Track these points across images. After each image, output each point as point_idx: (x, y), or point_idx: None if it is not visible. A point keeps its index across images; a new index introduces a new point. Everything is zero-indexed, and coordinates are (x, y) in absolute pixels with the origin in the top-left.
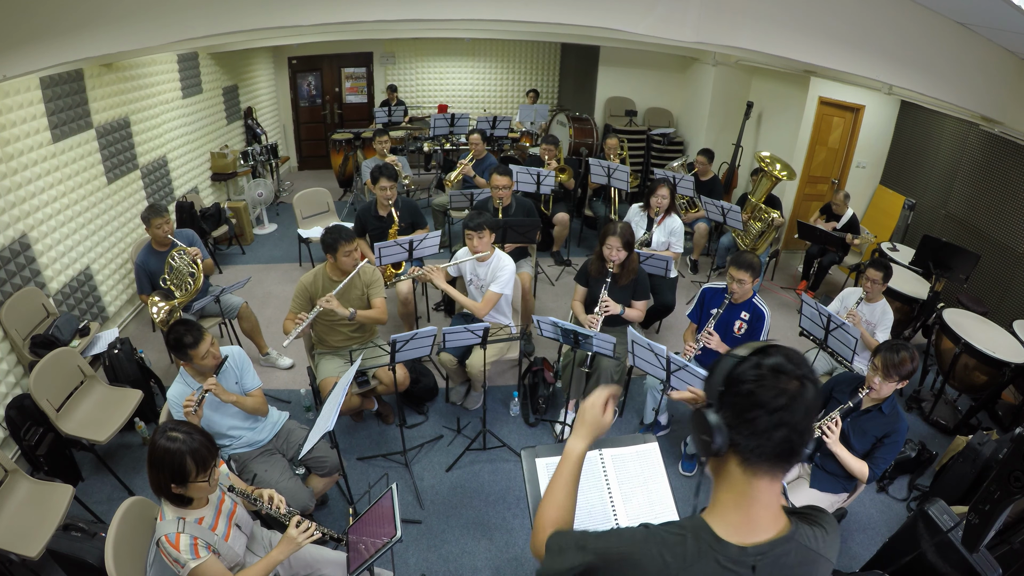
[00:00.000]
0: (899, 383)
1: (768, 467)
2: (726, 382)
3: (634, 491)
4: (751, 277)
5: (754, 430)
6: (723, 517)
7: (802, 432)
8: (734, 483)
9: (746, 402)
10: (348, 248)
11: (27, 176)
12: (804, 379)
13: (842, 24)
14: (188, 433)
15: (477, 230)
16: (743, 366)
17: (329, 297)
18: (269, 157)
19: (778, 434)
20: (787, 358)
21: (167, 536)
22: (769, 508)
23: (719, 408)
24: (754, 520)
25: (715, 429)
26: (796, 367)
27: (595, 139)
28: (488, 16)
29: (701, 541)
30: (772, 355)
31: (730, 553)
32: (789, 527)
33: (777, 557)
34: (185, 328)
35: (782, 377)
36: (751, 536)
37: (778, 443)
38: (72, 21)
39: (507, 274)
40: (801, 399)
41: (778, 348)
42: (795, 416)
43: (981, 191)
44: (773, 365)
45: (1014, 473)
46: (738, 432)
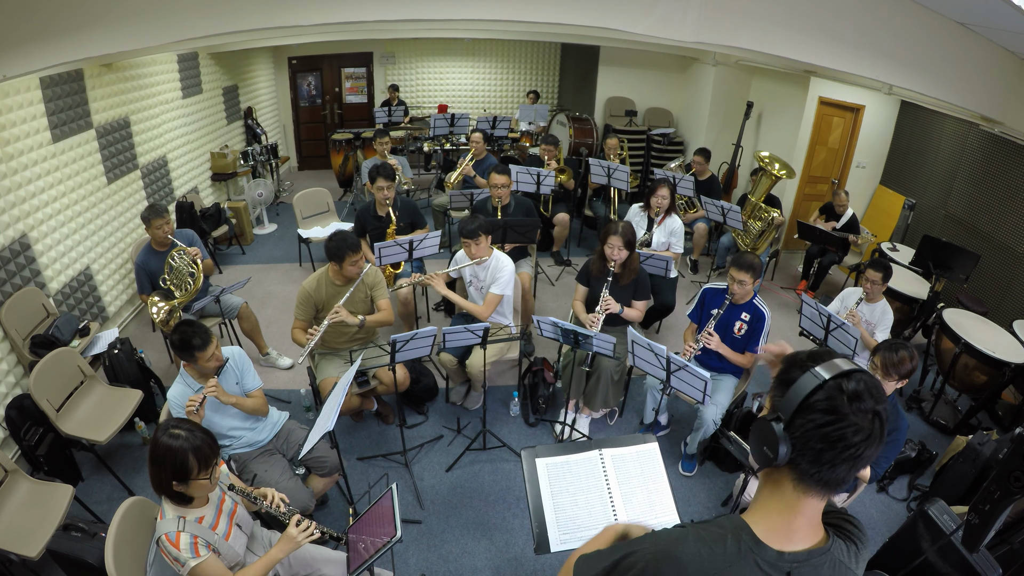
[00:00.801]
0: (898, 382)
1: (822, 490)
2: (802, 405)
3: (634, 491)
4: (752, 278)
5: (818, 460)
6: (765, 521)
7: (865, 462)
8: (783, 495)
9: (817, 433)
10: (354, 258)
11: (27, 176)
12: (878, 414)
13: (842, 24)
14: (190, 431)
15: (472, 237)
16: (824, 391)
17: (338, 308)
18: (269, 157)
19: (842, 468)
20: (868, 389)
21: (167, 535)
22: (811, 520)
23: (788, 426)
24: (795, 529)
25: (780, 444)
26: (874, 401)
27: (595, 139)
28: (488, 16)
29: (741, 542)
30: (854, 382)
31: (768, 556)
32: (827, 540)
33: (813, 567)
34: (193, 330)
35: (860, 413)
36: (789, 543)
37: (839, 473)
38: (72, 21)
39: (507, 275)
40: (872, 436)
41: (861, 375)
42: (862, 452)
43: (981, 191)
44: (852, 394)
45: (1014, 473)
46: (801, 455)
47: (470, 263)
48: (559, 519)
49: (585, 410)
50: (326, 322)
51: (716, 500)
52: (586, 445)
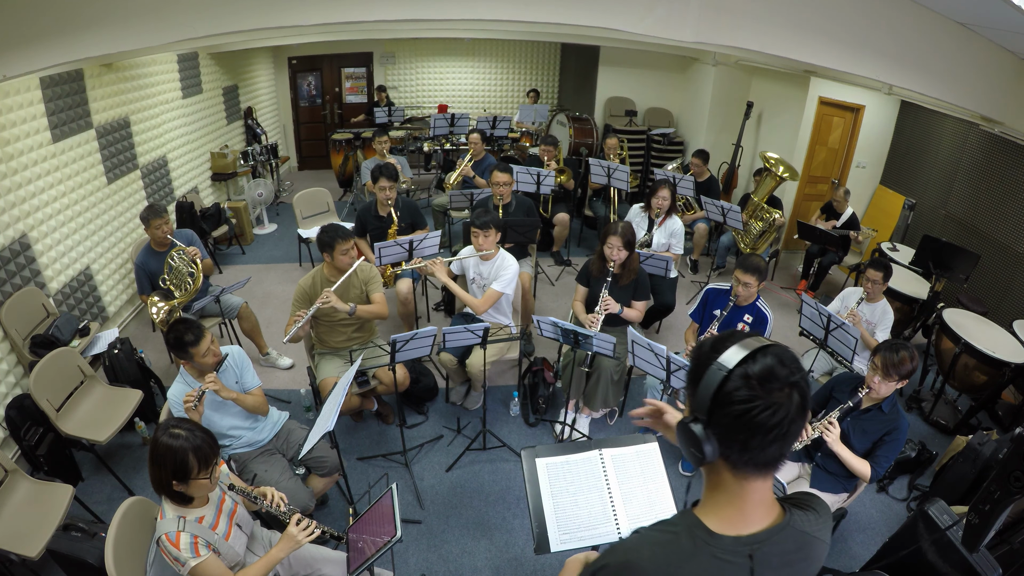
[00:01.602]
0: (899, 382)
1: (761, 472)
2: (715, 400)
3: (634, 491)
4: (757, 280)
5: (746, 447)
6: (716, 513)
7: (794, 436)
8: (726, 486)
9: (737, 423)
10: (345, 247)
11: (27, 176)
12: (795, 385)
13: (842, 24)
14: (190, 430)
15: (483, 228)
16: (732, 383)
17: (327, 292)
18: (269, 157)
19: (772, 449)
20: (778, 362)
21: (167, 535)
22: (763, 501)
23: (708, 423)
24: (747, 513)
25: (704, 443)
26: (788, 372)
27: (595, 139)
28: (488, 16)
29: (695, 537)
30: (759, 360)
31: (725, 544)
32: (784, 515)
33: (775, 544)
34: (185, 326)
35: (773, 390)
36: (746, 527)
37: (771, 454)
38: (72, 21)
39: (510, 274)
40: (793, 408)
41: (767, 349)
42: (787, 429)
43: (981, 191)
44: (762, 375)
45: (1014, 473)
46: (729, 448)
47: (475, 255)
48: (559, 519)
49: (585, 410)
50: (316, 305)
51: None
52: (586, 445)
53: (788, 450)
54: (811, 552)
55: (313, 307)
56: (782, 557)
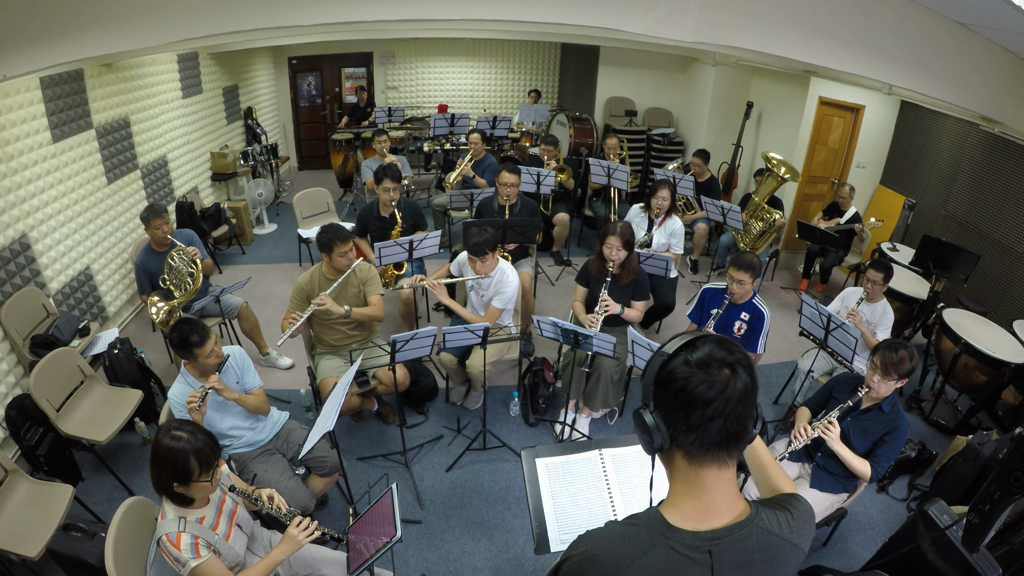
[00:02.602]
0: (898, 382)
1: (712, 457)
2: (656, 381)
3: (634, 491)
4: (751, 278)
5: (689, 425)
6: (676, 506)
7: (739, 419)
8: (683, 475)
9: (678, 399)
10: (343, 248)
11: (27, 176)
12: (735, 366)
13: (842, 24)
14: (192, 432)
15: (479, 255)
16: (672, 363)
17: (323, 295)
18: (269, 157)
19: (714, 425)
20: (718, 346)
21: (168, 535)
22: (723, 494)
23: (654, 407)
24: (708, 507)
25: (653, 429)
26: (727, 354)
27: (595, 139)
28: (488, 16)
29: (654, 530)
30: (700, 347)
31: (683, 539)
32: (748, 512)
33: (735, 541)
34: (191, 327)
35: (711, 370)
36: (707, 523)
37: (716, 433)
38: (72, 21)
39: (511, 290)
40: (732, 388)
41: (707, 338)
42: (728, 406)
43: (981, 191)
44: (700, 359)
45: (1014, 473)
46: (675, 428)
47: (474, 277)
48: (559, 519)
49: (585, 410)
50: (311, 308)
51: None
52: (586, 445)
53: (739, 433)
54: (777, 554)
55: (308, 310)
56: (743, 556)
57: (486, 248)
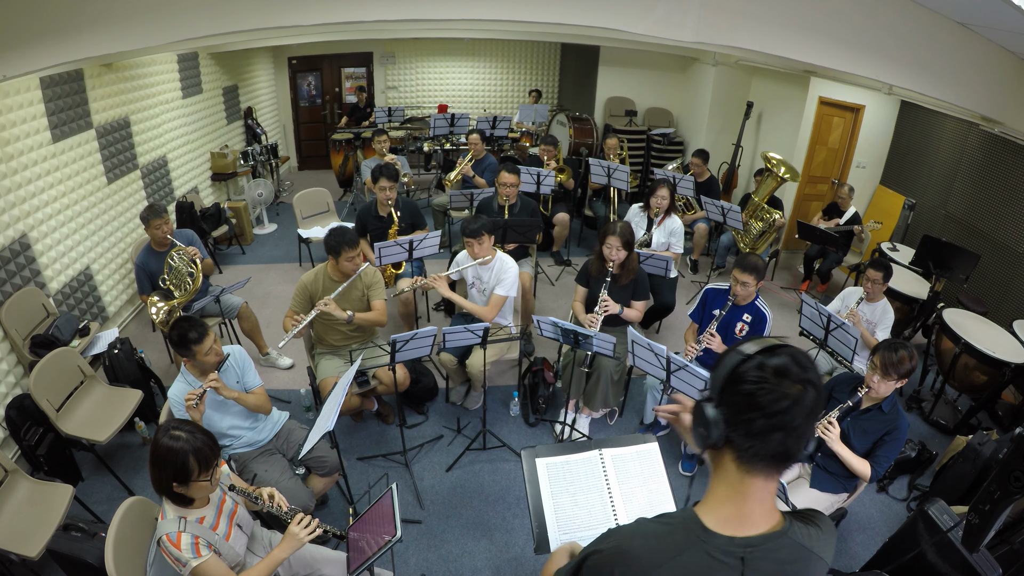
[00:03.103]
0: (898, 382)
1: (764, 467)
2: (728, 379)
3: (634, 491)
4: (755, 280)
5: (750, 431)
6: (715, 510)
7: (800, 436)
8: (729, 478)
9: (745, 403)
10: (351, 254)
11: (27, 176)
12: (807, 383)
13: (842, 24)
14: (191, 432)
15: (475, 236)
16: (747, 365)
17: (327, 300)
18: (269, 157)
19: (775, 437)
20: (793, 360)
21: (168, 535)
22: (762, 504)
23: (719, 403)
24: (746, 514)
25: (712, 423)
26: (801, 370)
27: (595, 139)
28: (488, 16)
29: (689, 532)
30: (778, 356)
31: (718, 543)
32: (783, 523)
33: (768, 551)
34: (189, 324)
35: (785, 381)
36: (742, 530)
37: (774, 446)
38: (72, 21)
39: (511, 276)
40: (801, 404)
41: (785, 348)
42: (794, 421)
43: (981, 191)
44: (777, 367)
45: (1014, 473)
46: (735, 430)
47: (472, 263)
48: (559, 519)
49: (585, 410)
50: (313, 312)
51: None
52: (586, 445)
53: (795, 450)
54: (808, 567)
55: (311, 314)
56: (774, 566)
57: (483, 230)
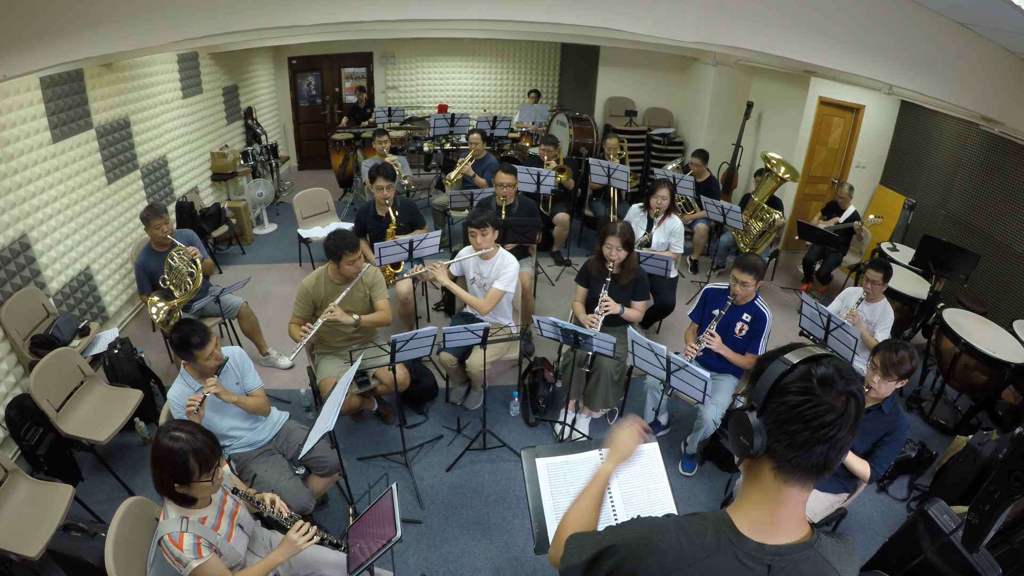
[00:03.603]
0: (898, 382)
1: (801, 477)
2: (772, 389)
3: (634, 491)
4: (754, 279)
5: (793, 442)
6: (747, 514)
7: (842, 448)
8: (765, 486)
9: (790, 414)
10: (352, 257)
11: (27, 176)
12: (851, 396)
13: (842, 24)
14: (191, 433)
15: (480, 227)
16: (793, 375)
17: (333, 307)
18: (269, 157)
19: (818, 450)
20: (837, 372)
21: (170, 535)
22: (794, 514)
23: (761, 413)
24: (777, 522)
25: (755, 433)
26: (846, 383)
27: (595, 139)
28: (488, 16)
29: (721, 534)
30: (823, 366)
31: (748, 548)
32: (811, 535)
33: (794, 562)
34: (192, 328)
35: (830, 393)
36: (772, 537)
37: (816, 457)
38: (72, 21)
39: (511, 272)
40: (846, 417)
41: (831, 360)
42: (838, 434)
43: (981, 191)
44: (823, 377)
45: (1014, 473)
46: (777, 441)
47: (474, 254)
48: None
49: (585, 410)
50: (320, 320)
51: (716, 500)
52: (586, 445)
53: (833, 461)
54: None
55: (318, 322)
56: None
57: (487, 222)
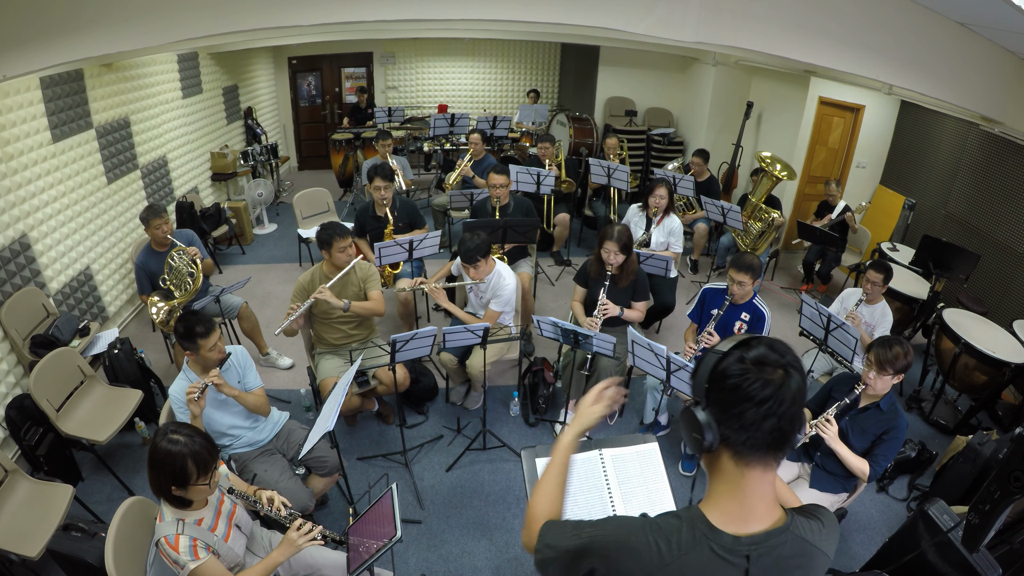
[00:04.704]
0: (894, 377)
1: (759, 458)
2: (711, 379)
3: (634, 491)
4: (751, 279)
5: (742, 423)
6: (718, 507)
7: (791, 420)
8: (728, 476)
9: (732, 396)
10: (343, 244)
11: (27, 176)
12: (788, 367)
13: (842, 24)
14: (189, 436)
15: (471, 263)
16: (726, 361)
17: (323, 288)
18: (269, 157)
19: (767, 424)
20: (770, 348)
21: (166, 537)
22: (764, 498)
23: (707, 405)
24: (749, 510)
25: (705, 426)
26: (780, 356)
27: (595, 139)
28: (488, 16)
29: (696, 530)
30: (754, 347)
31: (724, 542)
32: (785, 518)
33: (772, 547)
34: (196, 318)
35: (766, 368)
36: (746, 526)
37: (768, 433)
38: (72, 21)
39: (508, 292)
40: (787, 388)
41: (760, 339)
42: (783, 406)
43: (981, 191)
44: (756, 357)
45: (1014, 473)
46: (727, 426)
47: (470, 281)
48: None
49: None
50: (310, 299)
51: None
52: (586, 445)
53: (788, 435)
54: (810, 562)
55: (308, 301)
56: (778, 562)
57: (477, 255)
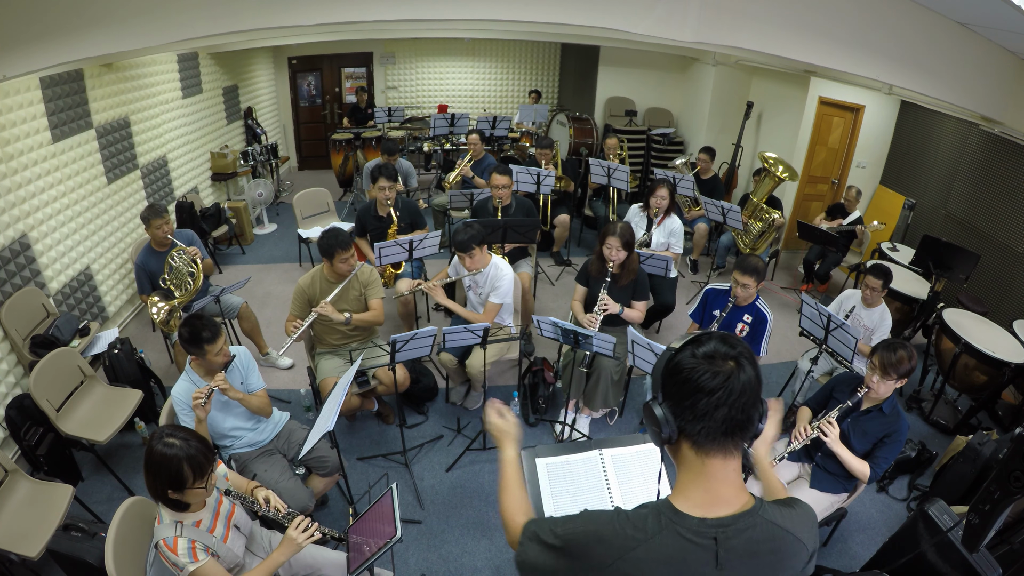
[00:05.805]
0: (898, 382)
1: (718, 446)
2: (665, 373)
3: (634, 491)
4: (755, 281)
5: (696, 414)
6: (685, 496)
7: (744, 408)
8: (690, 465)
9: (685, 389)
10: (344, 255)
11: (27, 176)
12: (738, 358)
13: (842, 24)
14: (185, 439)
15: (466, 251)
16: (679, 356)
17: (324, 303)
18: (269, 157)
19: (719, 414)
20: (722, 341)
21: (165, 540)
22: (729, 484)
23: (663, 399)
24: (714, 496)
25: (662, 420)
26: (730, 348)
27: (595, 139)
28: (488, 16)
29: (662, 516)
30: (706, 342)
31: (689, 524)
32: (753, 503)
33: (740, 530)
34: (203, 323)
35: (716, 360)
36: (712, 510)
37: (721, 422)
38: (72, 21)
39: (506, 283)
40: (736, 378)
41: (712, 335)
42: (732, 396)
43: (981, 191)
44: (706, 352)
45: (1014, 473)
46: (682, 418)
47: (468, 274)
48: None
49: (585, 410)
50: (312, 315)
51: None
52: (586, 445)
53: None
54: (782, 546)
55: (309, 318)
56: (748, 545)
57: (472, 244)
